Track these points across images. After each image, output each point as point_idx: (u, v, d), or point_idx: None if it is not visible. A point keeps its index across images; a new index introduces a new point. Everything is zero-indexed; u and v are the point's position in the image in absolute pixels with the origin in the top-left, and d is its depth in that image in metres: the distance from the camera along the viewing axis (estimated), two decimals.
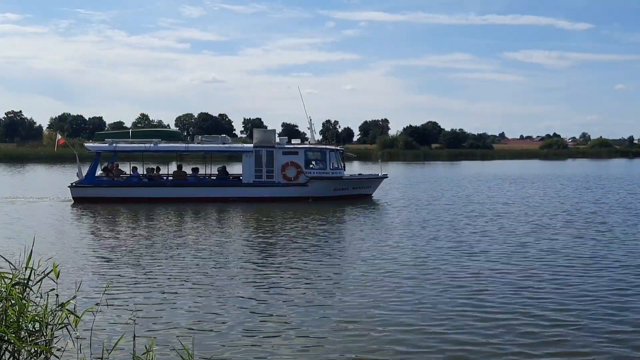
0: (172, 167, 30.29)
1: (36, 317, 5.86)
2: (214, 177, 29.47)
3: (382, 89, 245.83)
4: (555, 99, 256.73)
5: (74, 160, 30.73)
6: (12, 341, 5.47)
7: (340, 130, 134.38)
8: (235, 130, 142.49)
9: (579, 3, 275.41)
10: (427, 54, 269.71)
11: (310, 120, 31.02)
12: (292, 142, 30.43)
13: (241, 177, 28.74)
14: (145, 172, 28.60)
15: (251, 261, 14.11)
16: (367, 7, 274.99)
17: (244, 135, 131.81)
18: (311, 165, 28.37)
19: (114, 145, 27.68)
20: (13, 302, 5.75)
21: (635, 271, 12.94)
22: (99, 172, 27.80)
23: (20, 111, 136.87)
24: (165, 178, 28.80)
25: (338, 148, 30.05)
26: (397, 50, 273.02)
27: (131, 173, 28.60)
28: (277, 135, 29.36)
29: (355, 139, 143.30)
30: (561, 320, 9.48)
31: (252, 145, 28.22)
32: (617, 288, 11.50)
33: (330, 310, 10.05)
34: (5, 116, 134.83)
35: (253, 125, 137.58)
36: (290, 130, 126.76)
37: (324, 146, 29.79)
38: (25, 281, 6.13)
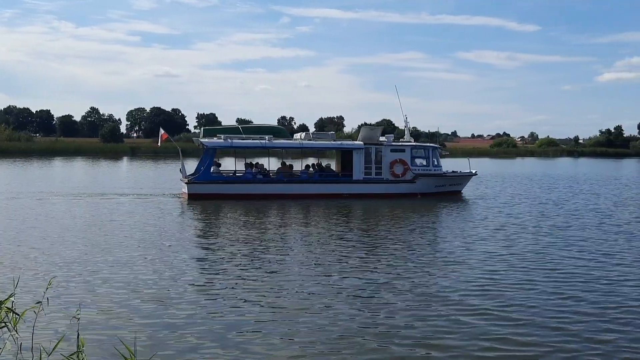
0: (264, 163, 29.78)
1: None
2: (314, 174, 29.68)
3: (337, 86, 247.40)
4: (505, 99, 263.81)
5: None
6: None
7: (295, 126, 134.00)
8: (188, 125, 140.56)
9: (527, 4, 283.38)
10: (381, 52, 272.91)
11: (406, 118, 32.13)
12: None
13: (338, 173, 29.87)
14: (257, 169, 28.49)
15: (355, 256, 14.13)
16: (321, 4, 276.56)
17: (197, 131, 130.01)
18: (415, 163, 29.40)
19: (230, 141, 27.52)
20: None
21: None
22: (212, 168, 27.38)
23: None
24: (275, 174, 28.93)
25: (436, 146, 31.30)
26: (352, 48, 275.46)
27: (245, 169, 28.58)
28: (381, 133, 30.12)
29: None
30: None
31: (362, 142, 28.69)
32: None
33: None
34: None
35: (207, 120, 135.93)
36: None
37: (427, 144, 31.31)
38: None
